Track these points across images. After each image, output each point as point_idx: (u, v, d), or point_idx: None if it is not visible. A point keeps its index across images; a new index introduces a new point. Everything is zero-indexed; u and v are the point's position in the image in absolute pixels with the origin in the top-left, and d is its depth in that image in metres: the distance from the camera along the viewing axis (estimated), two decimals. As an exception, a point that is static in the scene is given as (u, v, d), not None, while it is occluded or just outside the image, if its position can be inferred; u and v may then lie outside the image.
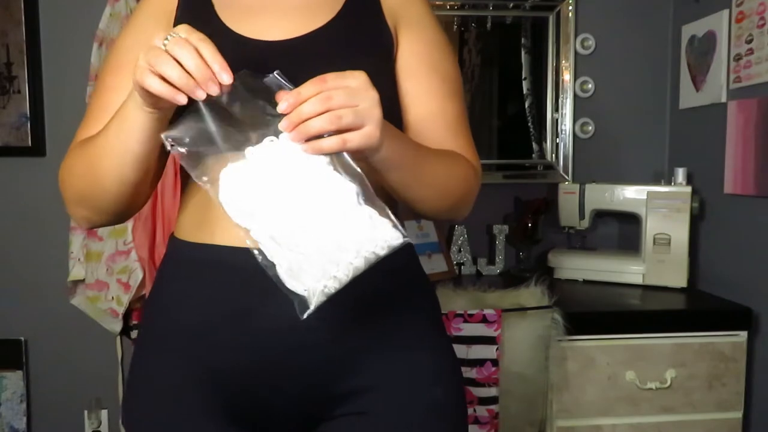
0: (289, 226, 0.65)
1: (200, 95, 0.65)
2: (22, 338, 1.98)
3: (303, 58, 0.81)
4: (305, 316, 0.65)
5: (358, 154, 0.69)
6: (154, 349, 0.85)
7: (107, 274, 1.83)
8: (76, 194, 0.83)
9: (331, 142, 0.66)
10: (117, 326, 1.88)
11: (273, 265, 0.66)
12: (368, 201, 0.67)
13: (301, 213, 0.65)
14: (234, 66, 0.70)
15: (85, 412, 2.00)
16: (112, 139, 0.75)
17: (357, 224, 0.65)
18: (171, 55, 0.65)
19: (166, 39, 0.66)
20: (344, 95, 0.66)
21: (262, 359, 0.79)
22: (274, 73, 0.69)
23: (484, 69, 2.12)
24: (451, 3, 2.06)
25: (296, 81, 0.69)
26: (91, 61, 1.88)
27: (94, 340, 1.97)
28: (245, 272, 0.75)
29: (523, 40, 2.13)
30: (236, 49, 0.79)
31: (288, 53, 0.82)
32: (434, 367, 0.87)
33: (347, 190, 0.66)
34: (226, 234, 0.79)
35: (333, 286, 0.65)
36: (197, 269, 0.83)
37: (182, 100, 0.66)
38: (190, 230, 0.85)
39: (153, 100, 0.68)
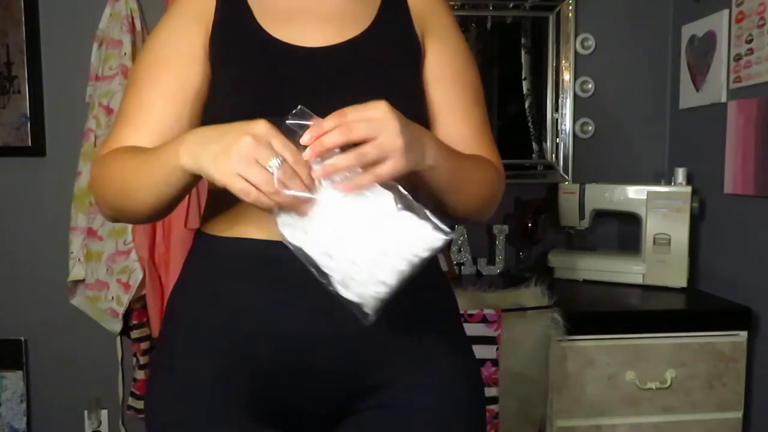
0: (336, 240, 0.69)
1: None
2: (22, 338, 1.98)
3: (344, 66, 0.84)
4: (368, 322, 0.69)
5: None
6: (187, 342, 0.84)
7: (107, 274, 1.83)
8: (107, 202, 0.86)
9: (364, 181, 0.70)
10: (117, 326, 1.88)
11: (328, 278, 0.70)
12: (406, 207, 0.71)
13: (346, 226, 0.70)
14: (277, 71, 0.80)
15: (85, 412, 2.00)
16: (147, 178, 0.78)
17: (397, 230, 0.70)
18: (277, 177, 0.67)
19: (274, 161, 0.67)
20: (365, 127, 0.69)
21: (295, 350, 0.80)
22: (298, 108, 0.71)
23: (484, 69, 2.12)
24: (451, 3, 2.06)
25: (338, 88, 0.76)
26: (91, 61, 1.89)
27: (94, 340, 1.97)
28: (280, 264, 0.77)
29: (523, 40, 2.13)
30: (278, 55, 0.83)
31: (330, 60, 0.84)
32: (459, 363, 0.89)
33: (384, 199, 0.70)
34: (259, 229, 0.81)
35: (383, 291, 0.69)
36: (231, 263, 0.83)
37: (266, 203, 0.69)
38: (221, 226, 0.86)
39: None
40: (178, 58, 0.85)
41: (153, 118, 0.84)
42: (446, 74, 0.92)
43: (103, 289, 1.84)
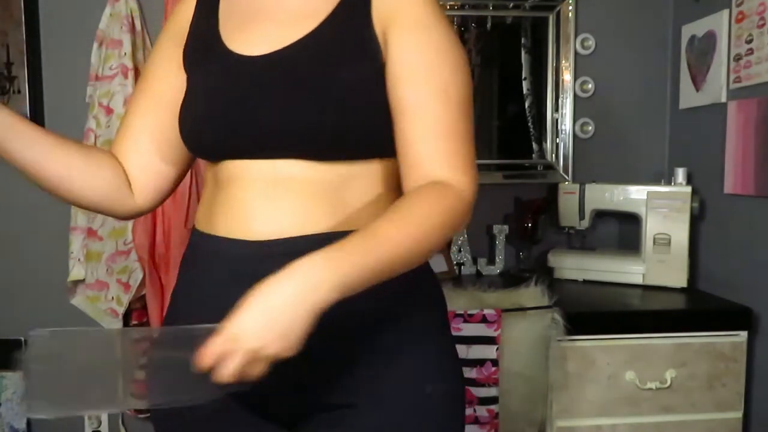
0: None
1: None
2: (22, 338, 1.98)
3: (280, 74, 0.82)
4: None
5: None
6: None
7: (107, 274, 1.83)
8: None
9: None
10: (117, 326, 1.88)
11: None
12: None
13: None
14: (223, 82, 0.84)
15: (85, 412, 2.00)
16: None
17: None
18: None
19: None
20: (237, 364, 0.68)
21: None
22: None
23: (484, 69, 2.12)
24: (451, 3, 2.06)
25: (274, 97, 0.78)
26: (91, 61, 1.89)
27: (94, 340, 1.97)
28: (238, 262, 0.82)
29: (523, 40, 2.13)
30: (226, 69, 0.86)
31: (269, 68, 0.84)
32: (428, 364, 0.88)
33: None
34: (225, 226, 0.85)
35: None
36: (201, 259, 0.88)
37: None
38: (202, 220, 0.90)
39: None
40: (155, 75, 0.95)
41: (130, 124, 0.96)
42: (412, 72, 0.82)
43: (103, 289, 1.84)
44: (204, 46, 0.91)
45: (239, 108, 0.82)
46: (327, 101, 0.79)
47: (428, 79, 0.82)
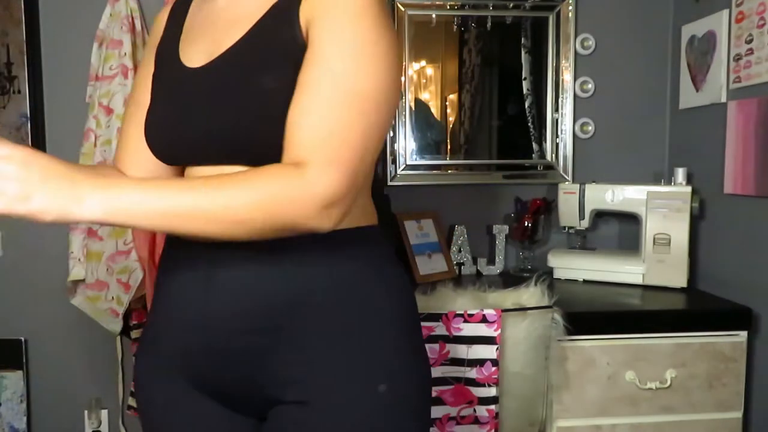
0: None
1: None
2: (22, 338, 1.98)
3: (213, 82, 0.86)
4: None
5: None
6: (142, 337, 0.99)
7: (107, 274, 1.83)
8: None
9: None
10: (117, 326, 1.88)
11: None
12: None
13: None
14: (171, 94, 0.91)
15: (85, 412, 2.00)
16: None
17: None
18: None
19: None
20: None
21: (213, 342, 0.86)
22: None
23: (484, 69, 2.12)
24: (451, 3, 2.06)
25: (205, 107, 0.84)
26: (91, 61, 1.89)
27: (94, 340, 1.97)
28: (194, 262, 0.87)
29: (523, 40, 2.13)
30: (176, 80, 0.91)
31: (206, 77, 0.87)
32: (383, 361, 0.87)
33: None
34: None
35: None
36: (166, 262, 0.95)
37: None
38: None
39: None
40: (142, 85, 1.00)
41: (127, 135, 1.01)
42: (310, 55, 0.78)
43: (103, 289, 1.84)
44: (166, 58, 0.97)
45: (181, 116, 0.88)
46: (248, 110, 0.81)
47: (322, 64, 0.77)
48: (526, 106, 2.14)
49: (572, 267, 1.98)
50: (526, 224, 2.05)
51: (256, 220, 0.74)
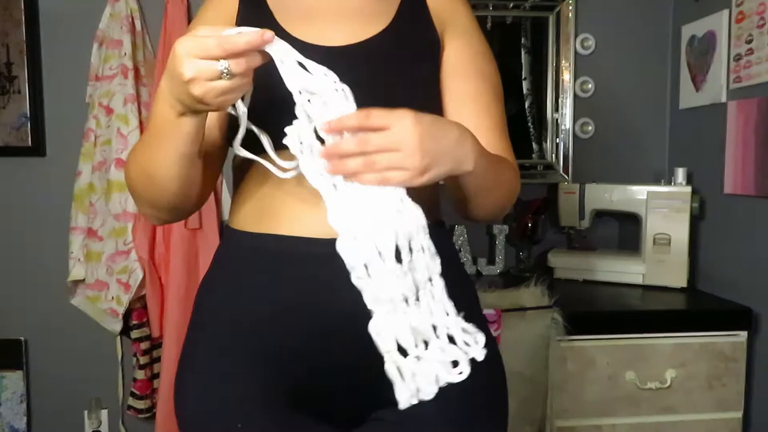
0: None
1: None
2: (22, 338, 1.98)
3: (362, 64, 0.85)
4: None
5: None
6: (217, 336, 0.86)
7: (107, 274, 1.83)
8: (142, 198, 0.88)
9: (371, 178, 0.70)
10: (117, 326, 1.88)
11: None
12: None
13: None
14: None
15: (85, 412, 2.00)
16: (160, 150, 0.79)
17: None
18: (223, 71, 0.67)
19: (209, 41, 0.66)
20: (382, 141, 0.69)
21: (329, 343, 0.81)
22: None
23: (484, 69, 2.12)
24: (451, 3, 2.06)
25: (355, 87, 0.72)
26: (91, 61, 1.89)
27: (94, 340, 1.97)
28: (310, 261, 0.81)
29: (523, 40, 2.13)
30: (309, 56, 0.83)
31: (348, 58, 0.85)
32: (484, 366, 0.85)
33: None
34: (289, 225, 0.83)
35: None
36: (262, 258, 0.85)
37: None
38: (250, 221, 0.87)
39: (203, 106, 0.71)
40: None
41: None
42: (468, 69, 0.95)
43: (103, 289, 1.84)
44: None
45: None
46: (408, 93, 0.86)
47: (483, 77, 0.96)
48: (526, 105, 2.14)
49: (572, 267, 1.98)
50: (526, 224, 2.05)
51: (514, 195, 0.94)
